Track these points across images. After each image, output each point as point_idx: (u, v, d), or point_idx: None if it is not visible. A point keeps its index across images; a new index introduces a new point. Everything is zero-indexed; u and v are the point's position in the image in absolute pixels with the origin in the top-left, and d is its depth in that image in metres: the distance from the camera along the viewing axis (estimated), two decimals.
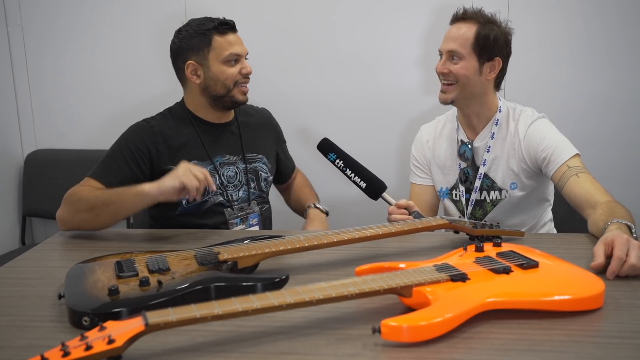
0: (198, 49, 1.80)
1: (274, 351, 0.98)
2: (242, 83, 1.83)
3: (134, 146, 1.77)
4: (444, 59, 1.81)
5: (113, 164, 1.75)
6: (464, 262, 1.20)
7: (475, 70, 1.78)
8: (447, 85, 1.81)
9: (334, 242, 1.34)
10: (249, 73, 1.84)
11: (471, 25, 1.78)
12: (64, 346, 0.83)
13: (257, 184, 1.93)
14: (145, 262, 1.22)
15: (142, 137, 1.79)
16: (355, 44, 2.58)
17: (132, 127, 1.84)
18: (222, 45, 1.79)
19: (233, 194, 1.88)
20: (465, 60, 1.77)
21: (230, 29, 1.81)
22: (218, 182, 1.85)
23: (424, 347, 0.97)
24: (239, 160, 1.90)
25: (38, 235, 2.86)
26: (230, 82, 1.81)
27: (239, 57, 1.82)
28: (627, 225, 1.40)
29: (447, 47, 1.80)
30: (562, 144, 1.78)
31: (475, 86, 1.81)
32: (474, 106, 1.86)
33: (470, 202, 1.90)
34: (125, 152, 1.76)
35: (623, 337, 1.01)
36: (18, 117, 2.75)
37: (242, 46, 1.83)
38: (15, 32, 2.67)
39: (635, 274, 1.25)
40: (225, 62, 1.79)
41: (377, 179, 1.72)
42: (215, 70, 1.80)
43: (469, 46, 1.77)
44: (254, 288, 1.12)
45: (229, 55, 1.79)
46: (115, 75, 2.68)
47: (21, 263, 1.46)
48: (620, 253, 1.24)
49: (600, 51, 2.50)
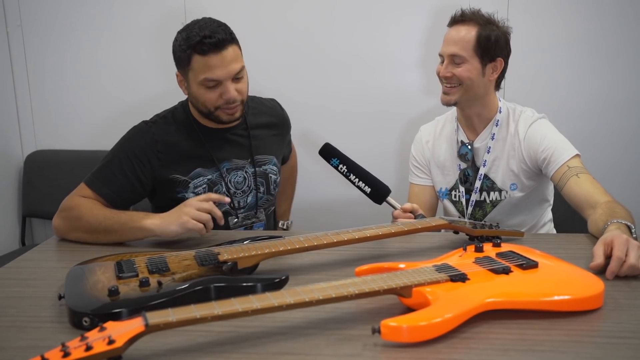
0: (181, 62, 1.68)
1: (274, 351, 0.98)
2: (226, 107, 1.68)
3: (133, 155, 1.69)
4: (446, 63, 1.80)
5: (110, 173, 1.67)
6: (463, 262, 1.21)
7: (478, 72, 1.78)
8: (450, 87, 1.81)
9: (334, 243, 1.34)
10: (231, 99, 1.66)
11: (471, 27, 1.77)
12: (64, 347, 0.83)
13: (266, 188, 1.85)
14: (145, 263, 1.22)
15: (142, 147, 1.70)
16: (354, 45, 2.58)
17: (132, 132, 1.74)
18: (199, 67, 1.63)
19: (241, 201, 1.80)
20: (468, 63, 1.77)
21: (213, 47, 1.60)
22: (224, 190, 1.77)
23: (423, 347, 0.97)
24: (248, 165, 1.81)
25: (38, 236, 2.86)
26: (210, 105, 1.68)
27: (217, 83, 1.64)
28: (627, 226, 1.40)
29: (448, 51, 1.79)
30: (562, 145, 1.78)
31: (479, 88, 1.81)
32: (476, 107, 1.86)
33: (470, 202, 1.90)
34: (123, 162, 1.68)
35: (622, 337, 1.01)
36: (18, 117, 2.75)
37: (225, 69, 1.62)
38: (14, 33, 2.67)
39: (635, 274, 1.25)
40: (201, 85, 1.65)
41: (381, 183, 1.69)
42: (194, 91, 1.68)
43: (470, 49, 1.76)
44: (254, 288, 1.12)
45: (204, 80, 1.63)
46: (115, 75, 2.68)
47: (21, 264, 1.46)
48: (619, 253, 1.24)
49: (600, 51, 2.51)
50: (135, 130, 1.75)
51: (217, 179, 1.77)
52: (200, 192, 1.73)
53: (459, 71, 1.78)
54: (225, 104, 1.67)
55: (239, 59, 1.68)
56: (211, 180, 1.76)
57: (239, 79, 1.68)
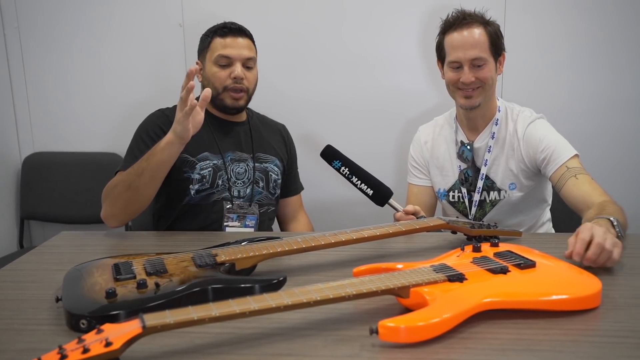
0: (202, 49, 1.89)
1: (271, 353, 0.98)
2: (232, 89, 1.83)
3: (152, 131, 1.82)
4: (468, 68, 1.77)
5: (136, 151, 1.79)
6: (461, 262, 1.21)
7: (494, 69, 1.81)
8: (473, 90, 1.79)
9: (332, 244, 1.34)
10: (238, 77, 1.82)
11: (479, 28, 1.77)
12: (61, 349, 0.83)
13: (265, 184, 1.93)
14: (143, 265, 1.22)
15: (158, 124, 1.83)
16: (353, 46, 2.58)
17: (148, 116, 1.89)
18: (216, 47, 1.84)
19: (240, 190, 1.89)
20: (489, 63, 1.78)
21: (230, 32, 1.83)
22: (226, 178, 1.87)
23: (421, 347, 0.97)
24: (250, 159, 1.92)
25: (36, 238, 2.86)
26: (219, 85, 1.84)
27: (230, 61, 1.82)
28: (609, 220, 1.40)
29: (468, 56, 1.76)
30: (561, 145, 1.78)
31: (494, 84, 1.83)
32: (483, 107, 1.85)
33: (473, 203, 1.90)
34: (144, 137, 1.81)
35: (620, 336, 1.01)
36: (15, 120, 2.75)
37: (238, 50, 1.83)
38: (12, 35, 2.67)
39: (608, 257, 1.25)
40: (216, 63, 1.83)
41: (383, 185, 1.68)
42: (208, 71, 1.85)
43: (487, 49, 1.77)
44: (252, 290, 1.12)
45: (218, 56, 1.82)
46: (113, 77, 2.68)
47: (19, 266, 1.45)
48: (582, 235, 1.26)
49: (599, 51, 2.50)
50: (151, 115, 1.90)
51: (221, 166, 1.87)
52: (205, 175, 1.84)
53: (482, 73, 1.77)
54: (232, 84, 1.82)
55: (252, 49, 1.89)
56: (216, 165, 1.87)
57: (249, 68, 1.87)
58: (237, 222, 1.87)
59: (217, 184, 1.85)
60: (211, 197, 1.85)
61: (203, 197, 1.85)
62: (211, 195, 1.85)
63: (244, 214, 1.88)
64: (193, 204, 1.85)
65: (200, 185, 1.83)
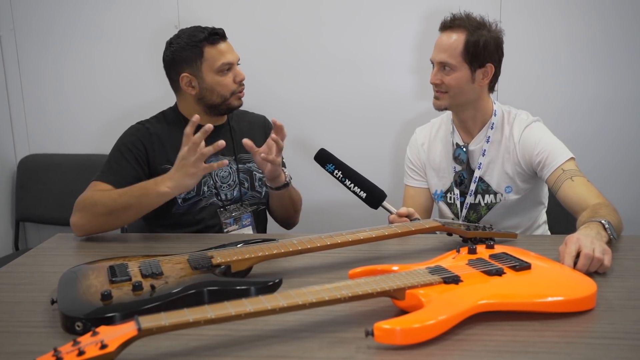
0: (191, 60, 1.82)
1: (267, 355, 0.98)
2: (238, 92, 1.86)
3: (132, 145, 1.81)
4: (436, 70, 1.80)
5: (116, 164, 1.79)
6: (456, 264, 1.21)
7: (467, 79, 1.78)
8: (440, 93, 1.81)
9: (327, 246, 1.34)
10: (243, 79, 1.86)
11: (460, 34, 1.76)
12: (57, 352, 0.83)
13: (250, 184, 1.94)
14: (139, 267, 1.22)
15: (138, 138, 1.83)
16: (348, 49, 2.58)
17: (128, 129, 1.88)
18: (213, 55, 1.81)
19: (228, 194, 1.89)
20: (457, 71, 1.76)
21: (220, 38, 1.83)
22: (211, 183, 1.87)
23: (417, 349, 0.97)
24: (232, 161, 1.91)
25: (31, 240, 2.85)
26: (227, 91, 1.84)
27: (231, 66, 1.84)
28: (601, 223, 1.41)
29: (437, 58, 1.79)
30: (556, 148, 1.78)
31: (468, 94, 1.80)
32: (469, 111, 1.86)
33: (464, 205, 1.90)
34: (125, 152, 1.80)
35: (615, 337, 1.02)
36: (11, 121, 2.74)
37: (233, 53, 1.85)
38: (7, 37, 2.66)
39: (600, 264, 1.26)
40: (219, 72, 1.82)
41: (377, 188, 1.68)
42: (210, 81, 1.82)
43: (458, 56, 1.75)
44: (247, 292, 1.12)
45: (222, 65, 1.81)
46: (109, 79, 2.67)
47: (14, 268, 1.45)
48: (570, 249, 1.27)
49: (597, 53, 2.50)
50: (131, 128, 1.89)
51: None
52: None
53: (447, 79, 1.77)
54: (238, 88, 1.85)
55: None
56: None
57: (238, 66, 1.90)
58: (235, 225, 1.88)
59: (203, 191, 1.85)
60: (198, 204, 1.85)
61: (190, 204, 1.84)
62: (198, 202, 1.85)
63: (238, 216, 1.89)
64: (181, 212, 1.84)
65: (186, 194, 1.82)
